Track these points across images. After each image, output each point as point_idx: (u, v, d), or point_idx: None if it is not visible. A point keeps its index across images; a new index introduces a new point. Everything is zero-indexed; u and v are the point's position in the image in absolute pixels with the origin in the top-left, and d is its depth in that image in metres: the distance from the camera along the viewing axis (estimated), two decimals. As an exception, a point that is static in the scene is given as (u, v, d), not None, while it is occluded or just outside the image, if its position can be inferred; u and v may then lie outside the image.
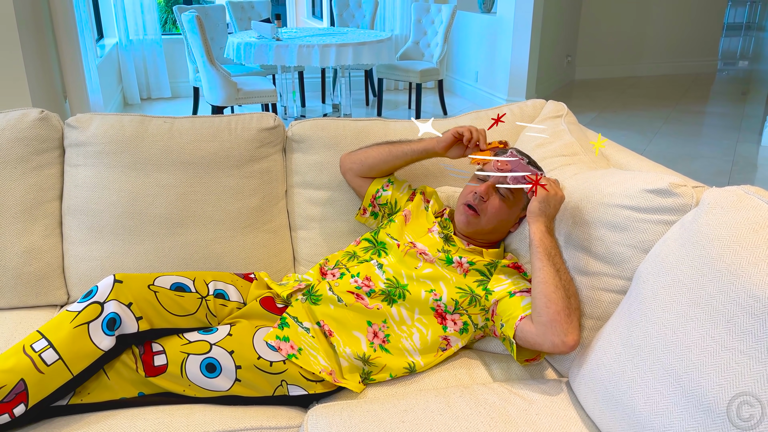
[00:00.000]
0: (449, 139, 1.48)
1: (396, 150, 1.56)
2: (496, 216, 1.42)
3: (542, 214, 1.30)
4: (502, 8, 5.24)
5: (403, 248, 1.42)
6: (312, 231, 1.73)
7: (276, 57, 4.30)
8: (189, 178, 1.61)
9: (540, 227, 1.29)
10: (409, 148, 1.55)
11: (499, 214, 1.43)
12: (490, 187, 1.43)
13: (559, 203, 1.33)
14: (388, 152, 1.56)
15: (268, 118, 1.71)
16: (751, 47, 10.46)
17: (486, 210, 1.42)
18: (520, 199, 1.44)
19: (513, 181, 1.37)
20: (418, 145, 1.54)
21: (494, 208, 1.42)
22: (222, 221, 1.63)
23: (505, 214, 1.43)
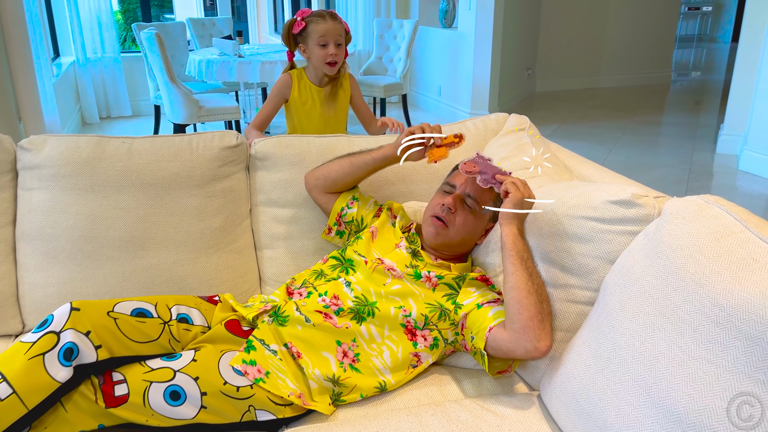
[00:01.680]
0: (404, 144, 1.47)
1: (357, 161, 1.55)
2: (464, 227, 1.42)
3: (515, 216, 1.30)
4: (463, 23, 5.31)
5: (371, 265, 1.40)
6: (278, 250, 1.70)
7: (238, 74, 4.27)
8: (149, 200, 1.57)
9: (513, 229, 1.29)
10: (370, 157, 1.53)
11: (466, 225, 1.42)
12: (458, 199, 1.42)
13: (531, 206, 1.33)
14: (350, 164, 1.55)
15: (230, 136, 1.68)
16: (703, 58, 10.81)
17: (454, 221, 1.42)
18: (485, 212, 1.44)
19: (483, 182, 1.36)
20: (377, 153, 1.52)
21: (462, 219, 1.42)
22: (184, 243, 1.59)
23: (473, 225, 1.43)
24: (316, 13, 2.26)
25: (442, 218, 1.42)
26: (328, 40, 2.24)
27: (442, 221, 1.42)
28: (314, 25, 2.24)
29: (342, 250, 1.49)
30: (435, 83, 5.96)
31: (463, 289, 1.37)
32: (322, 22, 2.24)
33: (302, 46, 2.31)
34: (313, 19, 2.25)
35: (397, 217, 1.57)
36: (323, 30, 2.24)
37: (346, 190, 1.59)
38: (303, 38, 2.28)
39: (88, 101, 5.74)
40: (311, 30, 2.25)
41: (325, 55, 2.26)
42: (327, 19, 2.24)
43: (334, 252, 1.51)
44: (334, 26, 2.25)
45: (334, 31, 2.25)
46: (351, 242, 1.51)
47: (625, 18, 7.21)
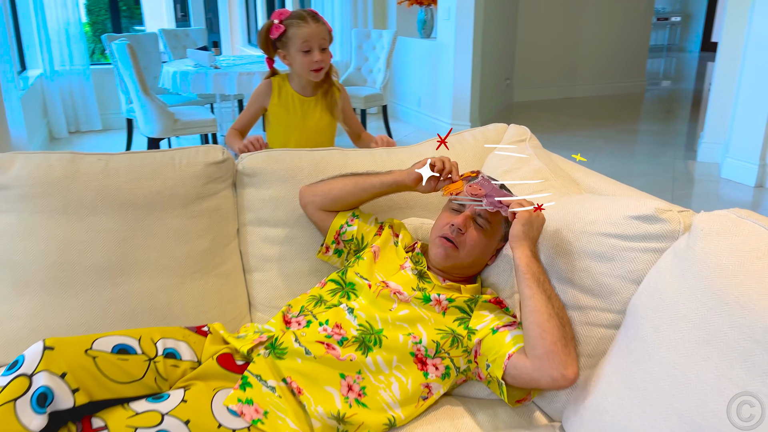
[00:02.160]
0: (417, 173, 1.38)
1: (363, 182, 1.45)
2: (474, 248, 1.33)
3: (526, 237, 1.21)
4: (442, 34, 5.25)
5: (374, 289, 1.30)
6: (269, 273, 1.58)
7: (215, 85, 4.14)
8: (128, 221, 1.44)
9: (525, 251, 1.20)
10: (378, 181, 1.44)
11: (477, 246, 1.33)
12: (468, 218, 1.33)
13: (541, 225, 1.25)
14: (355, 185, 1.45)
15: (215, 151, 1.57)
16: (673, 68, 10.96)
17: (464, 242, 1.32)
18: (497, 230, 1.35)
19: (489, 204, 1.28)
20: (387, 178, 1.43)
21: (473, 239, 1.32)
22: (168, 267, 1.47)
23: (484, 245, 1.34)
24: (296, 14, 2.02)
25: (451, 239, 1.32)
26: (311, 45, 2.01)
27: (451, 242, 1.32)
28: (295, 29, 2.00)
29: (342, 273, 1.39)
30: (414, 94, 5.90)
31: (476, 313, 1.28)
32: (304, 25, 2.00)
33: (282, 52, 2.07)
34: (292, 21, 2.00)
35: (399, 236, 1.47)
36: (306, 34, 2.00)
37: (344, 210, 1.49)
38: (283, 43, 2.04)
39: (56, 115, 5.54)
40: (292, 34, 2.01)
41: (309, 63, 2.03)
42: (309, 22, 2.00)
43: (333, 274, 1.40)
44: (317, 29, 2.01)
45: (317, 34, 2.01)
46: (351, 263, 1.40)
47: (600, 28, 7.25)
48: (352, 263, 1.40)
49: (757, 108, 3.96)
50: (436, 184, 1.40)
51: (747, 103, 4.02)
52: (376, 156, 1.66)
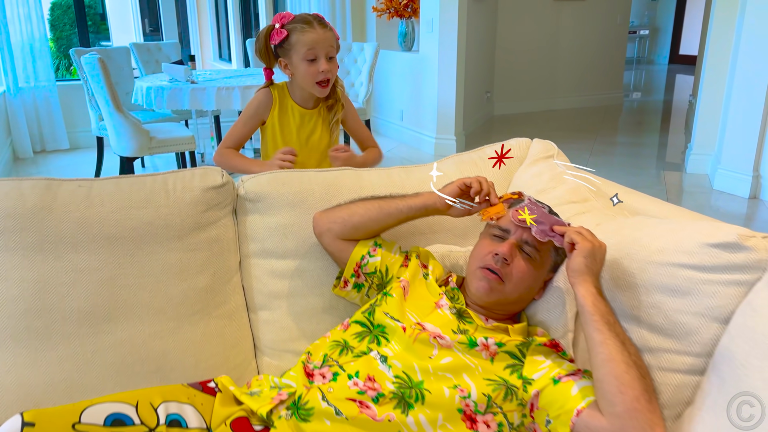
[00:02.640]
0: (453, 193, 1.22)
1: (388, 207, 1.27)
2: (522, 281, 1.16)
3: (589, 271, 1.05)
4: (425, 46, 5.13)
5: (410, 332, 1.12)
6: (277, 311, 1.39)
7: (192, 101, 3.92)
8: (116, 258, 1.24)
9: (589, 288, 1.04)
10: (405, 205, 1.26)
11: (525, 279, 1.16)
12: (514, 246, 1.16)
13: (604, 255, 1.09)
14: (379, 210, 1.27)
15: (213, 173, 1.37)
16: (643, 79, 11.07)
17: (510, 274, 1.15)
18: (547, 259, 1.19)
19: (540, 233, 1.12)
20: (415, 201, 1.26)
21: (520, 271, 1.15)
22: (163, 310, 1.27)
23: (532, 277, 1.17)
24: (300, 18, 1.79)
25: (495, 270, 1.15)
26: (318, 53, 1.78)
27: (496, 274, 1.15)
28: (299, 35, 1.77)
29: (368, 313, 1.20)
30: (396, 108, 5.75)
31: (529, 359, 1.10)
32: (309, 30, 1.76)
33: (283, 60, 1.83)
34: (296, 26, 1.77)
35: (428, 267, 1.29)
36: (311, 40, 1.76)
37: (365, 239, 1.31)
38: (284, 51, 1.81)
39: (20, 134, 5.24)
40: (295, 40, 1.77)
41: (314, 73, 1.79)
42: (315, 27, 1.78)
43: (358, 315, 1.22)
44: (324, 35, 1.78)
45: (324, 40, 1.78)
46: (378, 301, 1.22)
47: (577, 41, 7.24)
48: (379, 301, 1.21)
49: (748, 119, 3.90)
50: (470, 208, 1.24)
51: (738, 114, 3.96)
52: (394, 176, 1.49)
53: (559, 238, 1.11)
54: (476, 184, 1.20)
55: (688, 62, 12.16)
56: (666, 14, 12.72)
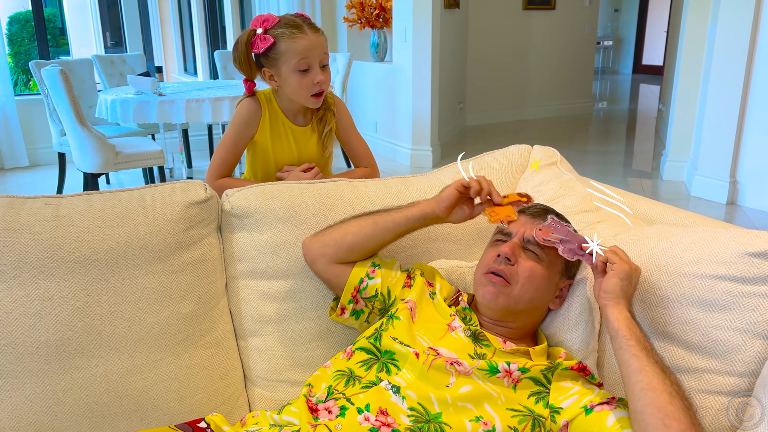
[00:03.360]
0: (452, 197, 1.12)
1: (383, 221, 1.17)
2: (530, 281, 1.06)
3: (624, 294, 0.97)
4: (398, 57, 5.06)
5: (424, 358, 1.01)
6: (269, 337, 1.26)
7: (160, 114, 3.77)
8: (89, 284, 1.10)
9: (624, 312, 0.95)
10: (402, 216, 1.16)
11: (534, 278, 1.07)
12: (517, 245, 1.08)
13: (638, 279, 1.01)
14: (374, 225, 1.17)
15: (196, 187, 1.25)
16: (608, 89, 11.24)
17: (516, 274, 1.06)
18: (555, 260, 1.09)
19: (568, 252, 1.03)
20: (412, 211, 1.16)
21: (527, 269, 1.06)
22: (142, 340, 1.13)
23: (541, 278, 1.07)
24: (287, 21, 1.55)
25: (500, 272, 1.06)
26: (311, 61, 1.56)
27: (501, 276, 1.06)
28: (288, 42, 1.53)
29: (375, 338, 1.09)
30: (370, 119, 5.67)
31: (555, 385, 1.00)
32: (301, 37, 1.53)
33: (269, 71, 1.60)
34: (284, 32, 1.54)
35: (435, 285, 1.19)
36: (304, 48, 1.53)
37: (362, 259, 1.20)
38: (270, 60, 1.57)
39: (-25, 151, 4.99)
40: (285, 48, 1.54)
41: (308, 85, 1.58)
42: (306, 31, 1.55)
43: (362, 341, 1.10)
44: (317, 40, 1.56)
45: (318, 46, 1.56)
46: (384, 326, 1.10)
47: (547, 51, 7.28)
48: (385, 325, 1.10)
49: (724, 125, 3.92)
50: (471, 211, 1.14)
51: (713, 120, 3.98)
52: (392, 187, 1.39)
53: (588, 257, 1.02)
54: (475, 183, 1.11)
55: (651, 72, 12.41)
56: (628, 26, 12.97)
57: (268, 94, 1.71)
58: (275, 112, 1.70)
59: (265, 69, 1.61)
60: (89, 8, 10.69)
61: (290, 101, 1.67)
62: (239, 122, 1.67)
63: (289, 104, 1.69)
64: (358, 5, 5.31)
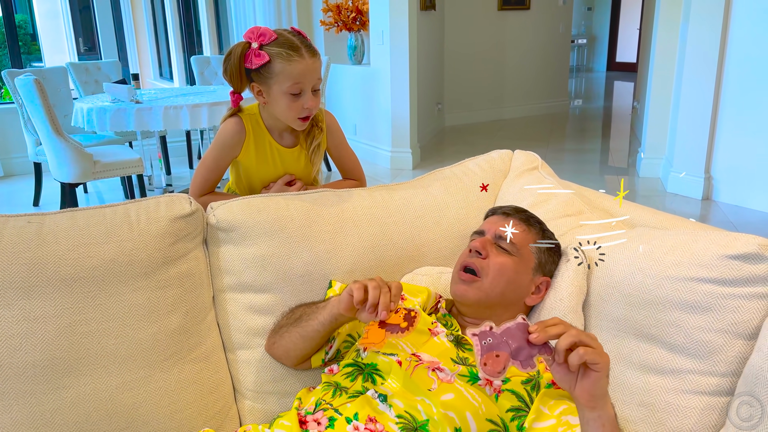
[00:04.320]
0: (346, 300, 1.02)
1: (307, 333, 1.14)
2: (501, 273, 1.11)
3: (606, 392, 0.86)
4: (376, 59, 5.07)
5: (406, 365, 1.02)
6: (257, 350, 1.26)
7: (137, 122, 3.72)
8: (75, 302, 1.09)
9: (610, 412, 0.86)
10: (318, 324, 1.11)
11: (504, 270, 1.11)
12: (488, 241, 1.13)
13: None
14: (301, 340, 1.15)
15: (181, 201, 1.25)
16: (583, 87, 11.37)
17: (487, 267, 1.11)
18: (528, 255, 1.14)
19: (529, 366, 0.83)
20: (324, 315, 1.10)
21: (497, 264, 1.12)
22: (131, 357, 1.13)
23: (512, 270, 1.12)
24: (285, 41, 1.46)
25: (470, 265, 1.11)
26: (304, 86, 1.47)
27: (471, 272, 1.11)
28: (284, 64, 1.45)
29: (357, 355, 1.10)
30: (349, 122, 5.67)
31: (535, 407, 0.97)
32: (297, 60, 1.45)
33: (258, 86, 1.51)
34: (281, 52, 1.45)
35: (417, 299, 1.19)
36: (299, 73, 1.45)
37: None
38: (262, 78, 1.49)
39: (-53, 163, 4.89)
40: (279, 70, 1.46)
41: (298, 109, 1.50)
42: (303, 55, 1.46)
43: (348, 360, 1.11)
44: (313, 65, 1.48)
45: (313, 72, 1.48)
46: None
47: (522, 50, 7.34)
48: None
49: (697, 122, 3.99)
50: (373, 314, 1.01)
51: (687, 118, 4.05)
52: (377, 197, 1.40)
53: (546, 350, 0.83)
54: (358, 293, 0.98)
55: (625, 69, 12.58)
56: (601, 24, 13.14)
57: (254, 112, 1.63)
58: (261, 133, 1.63)
59: (255, 84, 1.53)
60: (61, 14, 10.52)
61: (276, 119, 1.60)
62: (221, 144, 1.61)
63: (275, 122, 1.62)
64: (334, 8, 5.31)
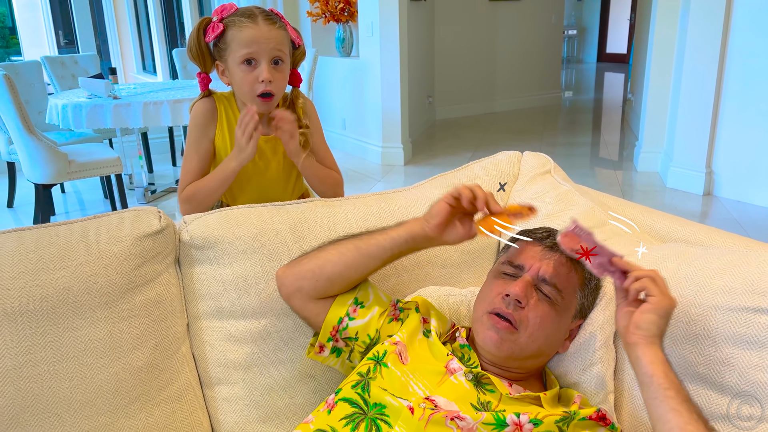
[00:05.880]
0: (442, 211, 0.95)
1: (366, 246, 1.01)
2: (541, 329, 0.93)
3: (659, 333, 0.84)
4: (365, 51, 4.90)
5: (419, 413, 0.86)
6: (239, 385, 1.11)
7: (115, 119, 3.54)
8: (21, 340, 0.93)
9: (660, 355, 0.83)
10: (387, 239, 1.00)
11: (544, 327, 0.93)
12: (530, 285, 0.94)
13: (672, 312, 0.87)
14: (356, 252, 1.01)
15: (148, 216, 1.08)
16: (573, 79, 11.26)
17: (526, 320, 0.93)
18: (572, 301, 0.96)
19: (597, 268, 0.88)
20: (398, 232, 1.00)
21: (538, 316, 0.93)
22: (89, 402, 0.97)
23: (553, 325, 0.94)
24: (243, 10, 1.39)
25: (507, 316, 0.92)
26: (257, 54, 1.36)
27: (507, 321, 0.92)
28: (236, 31, 1.36)
29: (362, 388, 0.94)
30: (338, 116, 5.49)
31: None
32: (249, 25, 1.35)
33: (221, 65, 1.43)
34: (235, 20, 1.37)
35: (429, 321, 1.04)
36: (250, 38, 1.35)
37: (344, 291, 1.05)
38: (220, 51, 1.40)
39: None
40: (230, 38, 1.37)
41: (253, 81, 1.37)
42: (258, 21, 1.36)
43: (346, 390, 0.95)
44: (269, 33, 1.36)
45: (268, 40, 1.36)
46: (372, 374, 0.95)
47: (514, 42, 7.19)
48: (372, 373, 0.95)
49: (699, 116, 3.86)
50: (469, 228, 0.97)
51: (688, 111, 3.92)
52: (372, 206, 1.24)
53: (620, 277, 0.88)
54: (467, 191, 0.93)
55: (615, 60, 12.48)
56: (592, 14, 13.01)
57: (228, 97, 1.51)
58: (234, 113, 1.49)
59: (218, 62, 1.44)
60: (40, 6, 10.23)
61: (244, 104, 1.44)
62: (194, 126, 1.48)
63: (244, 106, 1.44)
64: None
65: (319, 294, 1.03)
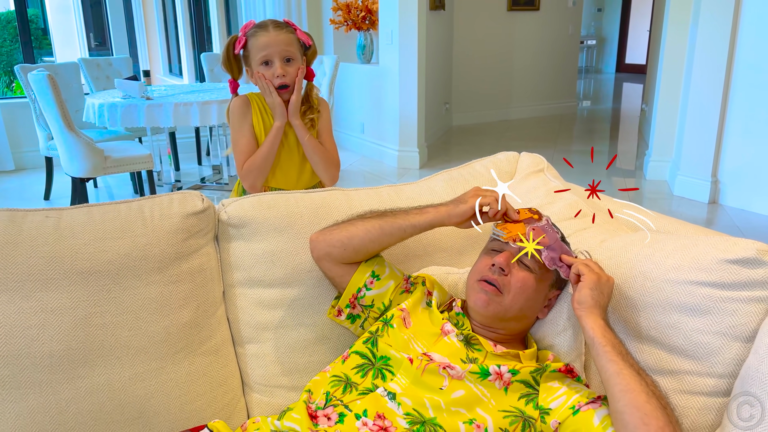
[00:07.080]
0: (469, 214, 1.14)
1: (389, 226, 1.19)
2: (521, 292, 1.10)
3: (596, 304, 1.03)
4: (385, 58, 5.10)
5: (417, 364, 1.05)
6: (266, 344, 1.30)
7: (148, 118, 3.77)
8: (91, 295, 1.13)
9: (598, 321, 1.01)
10: (409, 225, 1.18)
11: (525, 289, 1.11)
12: (512, 256, 1.12)
13: (611, 289, 1.06)
14: (380, 231, 1.19)
15: (193, 198, 1.28)
16: (591, 88, 11.35)
17: (509, 284, 1.10)
18: (547, 272, 1.14)
19: (549, 261, 1.08)
20: (420, 220, 1.17)
21: (519, 281, 1.10)
22: (144, 349, 1.16)
23: (532, 289, 1.12)
24: (258, 23, 1.77)
25: (493, 282, 1.10)
26: (271, 56, 1.72)
27: (493, 285, 1.10)
28: (253, 40, 1.74)
29: (371, 343, 1.12)
30: (357, 121, 5.70)
31: (543, 386, 1.05)
32: (262, 34, 1.73)
33: (249, 69, 1.80)
34: (253, 31, 1.75)
35: (433, 294, 1.22)
36: (263, 43, 1.72)
37: (367, 260, 1.24)
38: (246, 59, 1.79)
39: (-40, 156, 4.95)
40: (251, 46, 1.75)
41: (270, 77, 1.74)
42: (269, 29, 1.73)
43: (358, 344, 1.14)
44: (277, 37, 1.72)
45: (278, 43, 1.72)
46: (380, 332, 1.14)
47: (531, 51, 7.35)
48: (381, 331, 1.14)
49: (705, 126, 4.00)
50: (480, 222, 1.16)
51: (695, 121, 4.06)
52: (384, 196, 1.42)
53: (565, 269, 1.09)
54: (494, 203, 1.13)
55: (634, 71, 12.55)
56: (611, 25, 13.10)
57: (258, 94, 1.85)
58: (264, 106, 1.84)
59: (247, 68, 1.82)
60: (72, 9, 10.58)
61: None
62: (235, 116, 1.82)
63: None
64: (344, 7, 5.34)
65: (345, 261, 1.22)
